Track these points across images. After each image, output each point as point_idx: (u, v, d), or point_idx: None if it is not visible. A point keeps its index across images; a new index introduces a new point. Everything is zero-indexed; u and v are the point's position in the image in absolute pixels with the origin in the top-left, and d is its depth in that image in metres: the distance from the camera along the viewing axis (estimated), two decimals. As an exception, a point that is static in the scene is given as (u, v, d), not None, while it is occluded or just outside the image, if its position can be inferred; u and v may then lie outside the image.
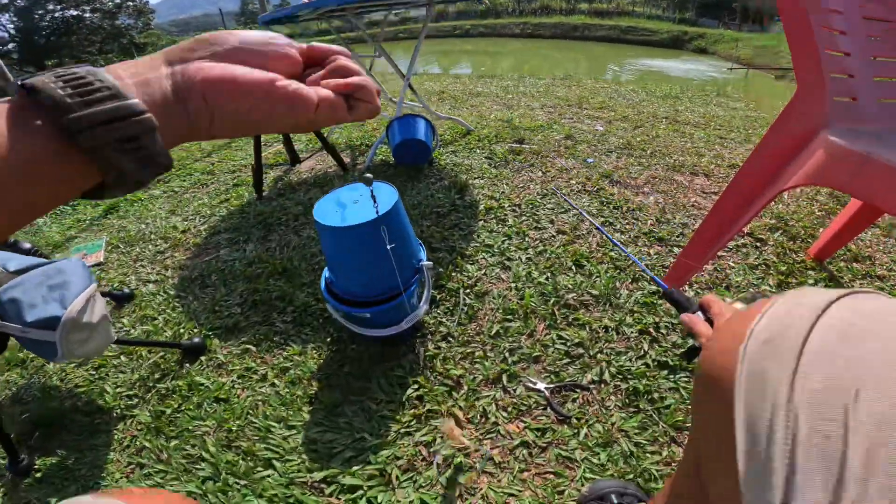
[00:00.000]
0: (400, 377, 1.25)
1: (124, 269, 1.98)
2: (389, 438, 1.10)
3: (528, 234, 1.78)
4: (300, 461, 1.09)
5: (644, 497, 0.91)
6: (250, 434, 1.17)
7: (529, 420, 1.11)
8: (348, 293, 1.23)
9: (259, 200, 2.33)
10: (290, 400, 1.24)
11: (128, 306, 1.74)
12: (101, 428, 1.27)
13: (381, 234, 1.12)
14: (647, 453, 1.02)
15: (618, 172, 2.24)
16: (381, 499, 0.99)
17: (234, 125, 0.33)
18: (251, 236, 2.03)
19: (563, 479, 0.99)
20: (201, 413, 1.25)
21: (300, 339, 1.44)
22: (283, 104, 0.33)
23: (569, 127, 2.96)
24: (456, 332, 1.38)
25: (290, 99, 0.33)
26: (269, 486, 1.04)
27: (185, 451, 1.16)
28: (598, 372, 1.21)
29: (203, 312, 1.62)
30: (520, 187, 2.16)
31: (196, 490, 1.07)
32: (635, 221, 1.82)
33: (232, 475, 1.08)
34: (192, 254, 2.00)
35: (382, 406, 1.19)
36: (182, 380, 1.37)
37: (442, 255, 1.70)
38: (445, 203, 2.03)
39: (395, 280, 1.17)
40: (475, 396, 1.18)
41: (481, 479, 1.01)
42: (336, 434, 1.13)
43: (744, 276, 1.52)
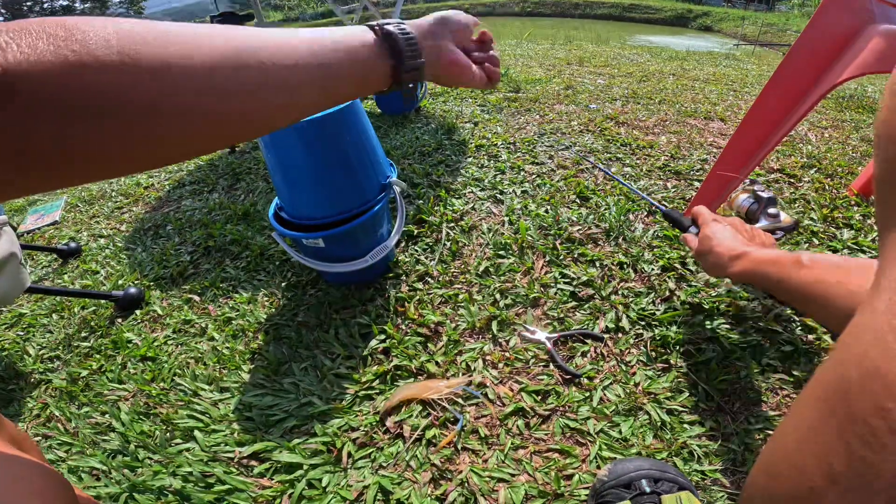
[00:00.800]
0: (363, 325, 0.94)
1: (78, 227, 1.67)
2: (344, 403, 0.80)
3: (525, 169, 1.44)
4: (228, 432, 0.79)
5: (688, 483, 0.61)
6: (174, 399, 0.87)
7: (526, 380, 0.80)
8: (299, 216, 0.92)
9: (231, 153, 2.01)
10: (228, 357, 0.93)
11: (73, 261, 1.44)
12: (14, 395, 0.98)
13: (332, 135, 0.81)
14: (684, 424, 0.72)
15: (624, 116, 1.90)
16: (328, 481, 0.69)
17: (441, 82, 0.49)
18: (217, 186, 1.71)
19: (572, 458, 0.68)
20: (122, 375, 0.95)
21: (251, 285, 1.13)
22: (470, 82, 0.49)
23: (569, 79, 2.60)
24: (436, 270, 1.06)
25: (474, 80, 0.50)
26: (185, 462, 0.74)
27: (94, 419, 0.87)
28: (614, 318, 0.89)
29: (150, 263, 1.31)
30: (515, 128, 1.81)
31: (100, 466, 0.77)
32: (647, 157, 1.48)
33: (143, 448, 0.79)
34: (151, 207, 1.69)
35: (339, 362, 0.88)
36: (109, 337, 1.07)
37: (424, 191, 1.37)
38: (431, 143, 1.68)
39: (353, 196, 0.85)
40: (456, 349, 0.87)
41: (461, 458, 0.70)
42: (277, 398, 0.83)
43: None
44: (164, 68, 0.27)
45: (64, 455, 0.81)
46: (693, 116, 1.92)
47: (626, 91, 2.33)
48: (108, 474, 0.76)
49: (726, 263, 0.68)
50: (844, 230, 1.10)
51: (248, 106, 0.32)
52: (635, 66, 3.19)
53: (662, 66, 3.22)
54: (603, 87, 2.44)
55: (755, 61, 4.10)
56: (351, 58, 0.38)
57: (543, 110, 2.00)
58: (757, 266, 0.64)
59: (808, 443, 0.20)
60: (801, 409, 0.22)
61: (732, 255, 0.68)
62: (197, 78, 0.29)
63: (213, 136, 0.32)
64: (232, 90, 0.31)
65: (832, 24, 0.83)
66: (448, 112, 2.06)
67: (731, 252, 0.68)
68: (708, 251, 0.72)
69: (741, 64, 3.67)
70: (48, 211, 1.89)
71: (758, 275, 0.64)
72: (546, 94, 2.27)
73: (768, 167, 1.43)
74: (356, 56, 0.39)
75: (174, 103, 0.28)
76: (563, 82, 2.50)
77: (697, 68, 3.21)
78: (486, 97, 2.26)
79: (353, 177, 0.87)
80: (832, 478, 0.18)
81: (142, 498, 0.71)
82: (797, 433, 0.22)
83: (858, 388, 0.18)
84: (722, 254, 0.69)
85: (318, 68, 0.36)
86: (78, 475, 0.77)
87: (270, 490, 0.69)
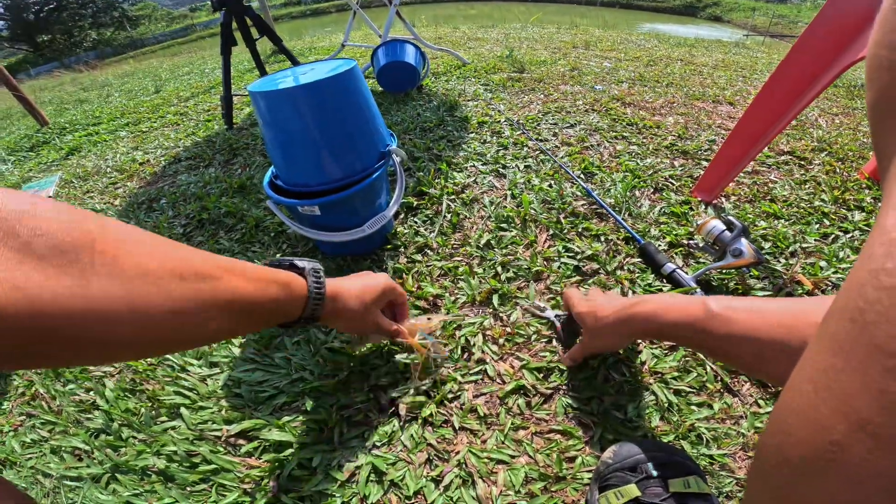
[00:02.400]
0: (359, 300, 0.90)
1: (73, 202, 1.62)
2: (337, 379, 0.76)
3: (528, 145, 1.39)
4: (216, 409, 0.75)
5: (696, 467, 0.57)
6: (161, 375, 0.83)
7: (528, 357, 0.76)
8: (295, 184, 0.87)
9: (229, 130, 1.95)
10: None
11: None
12: (0, 374, 0.93)
13: (331, 99, 0.76)
14: (692, 406, 0.68)
15: (630, 97, 1.83)
16: (317, 461, 0.65)
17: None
18: (213, 161, 1.66)
19: (575, 440, 0.65)
20: (109, 350, 0.91)
21: (245, 257, 1.09)
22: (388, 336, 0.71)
23: (574, 61, 2.53)
24: (436, 242, 1.02)
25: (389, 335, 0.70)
26: (170, 441, 0.70)
27: (78, 396, 0.83)
28: (619, 293, 0.85)
29: (141, 238, 1.26)
30: (519, 106, 1.75)
31: (82, 445, 0.74)
32: (654, 137, 1.43)
33: (127, 427, 0.75)
34: (146, 182, 1.64)
35: (333, 336, 0.84)
36: (98, 312, 1.02)
37: (425, 164, 1.31)
38: (433, 119, 1.62)
39: (350, 162, 0.81)
40: (455, 324, 0.83)
41: (459, 438, 0.67)
42: (268, 373, 0.79)
43: (791, 190, 1.15)
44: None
45: (47, 435, 0.77)
46: (701, 100, 1.86)
47: (632, 74, 2.26)
48: (91, 454, 0.72)
49: (624, 306, 0.60)
50: (856, 212, 1.06)
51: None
52: (642, 50, 3.11)
53: (670, 51, 3.14)
54: (609, 69, 2.37)
55: (765, 50, 4.00)
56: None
57: (548, 90, 1.94)
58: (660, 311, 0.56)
59: (824, 389, 0.16)
60: (813, 354, 0.17)
61: (627, 304, 0.60)
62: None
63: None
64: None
65: (847, 6, 0.79)
66: (450, 90, 2.00)
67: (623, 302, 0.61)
68: (594, 309, 0.64)
69: (751, 52, 3.58)
70: (42, 187, 1.84)
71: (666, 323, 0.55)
72: (551, 74, 2.21)
73: (778, 149, 1.38)
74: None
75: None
76: (569, 64, 2.43)
77: (706, 55, 3.12)
78: (490, 76, 2.19)
79: (351, 143, 0.82)
80: (859, 425, 0.14)
81: (124, 479, 0.67)
82: (810, 381, 0.17)
83: (878, 311, 0.14)
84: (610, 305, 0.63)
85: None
86: (60, 455, 0.73)
87: (258, 470, 0.65)
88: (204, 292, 0.38)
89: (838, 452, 0.15)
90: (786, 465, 0.18)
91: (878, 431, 0.14)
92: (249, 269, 0.45)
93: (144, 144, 2.04)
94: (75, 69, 7.92)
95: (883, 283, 0.14)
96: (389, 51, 1.96)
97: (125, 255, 0.33)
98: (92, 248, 0.31)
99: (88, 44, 21.25)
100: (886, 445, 0.13)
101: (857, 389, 0.14)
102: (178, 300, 0.36)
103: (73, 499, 0.67)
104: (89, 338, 0.31)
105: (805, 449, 0.17)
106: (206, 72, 3.74)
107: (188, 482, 0.65)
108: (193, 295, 0.37)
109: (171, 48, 12.65)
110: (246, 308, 0.43)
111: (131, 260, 0.33)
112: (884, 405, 0.13)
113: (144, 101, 2.94)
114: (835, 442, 0.15)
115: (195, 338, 0.40)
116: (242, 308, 0.42)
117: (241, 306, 0.42)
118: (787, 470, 0.18)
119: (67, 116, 2.97)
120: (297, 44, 4.39)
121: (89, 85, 4.81)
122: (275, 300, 0.47)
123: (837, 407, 0.15)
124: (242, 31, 1.96)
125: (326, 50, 3.57)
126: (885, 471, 0.13)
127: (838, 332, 0.16)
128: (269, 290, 0.46)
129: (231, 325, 0.42)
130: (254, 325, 0.47)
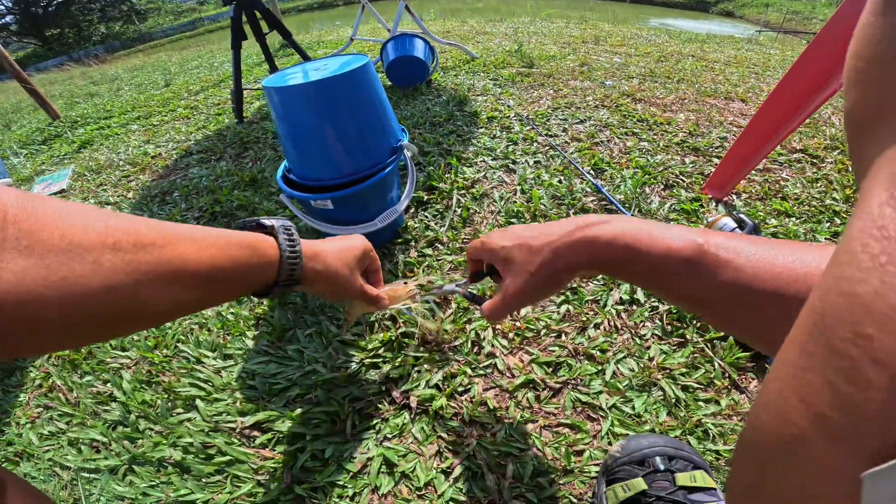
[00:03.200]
0: (371, 293, 0.91)
1: (86, 195, 1.64)
2: (349, 371, 0.77)
3: (538, 140, 1.39)
4: (231, 401, 0.76)
5: (703, 462, 0.58)
6: (177, 367, 0.85)
7: (537, 351, 0.77)
8: (308, 178, 0.88)
9: (239, 124, 1.96)
10: (232, 322, 0.91)
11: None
12: (18, 364, 0.95)
13: (344, 95, 0.77)
14: (699, 401, 0.68)
15: (641, 93, 1.82)
16: (330, 453, 0.66)
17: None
18: (225, 154, 1.67)
19: (583, 434, 0.66)
20: (125, 342, 0.93)
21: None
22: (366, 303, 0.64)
23: (584, 56, 2.51)
24: (446, 237, 1.03)
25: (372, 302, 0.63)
26: (186, 433, 0.72)
27: (95, 388, 0.85)
28: (629, 289, 0.85)
29: (155, 231, 1.28)
30: (528, 101, 1.75)
31: (100, 437, 0.75)
32: (664, 133, 1.42)
33: (144, 418, 0.77)
34: (158, 175, 1.65)
35: (345, 329, 0.85)
36: (113, 303, 1.04)
37: (435, 159, 1.32)
38: (442, 114, 1.63)
39: (363, 157, 0.82)
40: (465, 317, 0.84)
41: (469, 431, 0.68)
42: (281, 366, 0.80)
43: (802, 188, 1.14)
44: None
45: (65, 427, 0.79)
46: (713, 96, 1.85)
47: (643, 70, 2.24)
48: (109, 446, 0.74)
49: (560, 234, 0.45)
50: (868, 211, 1.05)
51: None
52: (653, 46, 3.08)
53: (681, 47, 3.10)
54: (619, 65, 2.35)
55: (779, 47, 3.94)
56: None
57: (557, 85, 1.93)
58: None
59: (790, 387, 0.17)
60: (786, 351, 0.18)
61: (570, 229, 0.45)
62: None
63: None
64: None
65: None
66: (460, 85, 2.00)
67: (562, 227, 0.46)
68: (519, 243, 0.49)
69: (764, 49, 3.53)
70: (56, 179, 1.86)
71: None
72: (560, 70, 2.20)
73: (790, 147, 1.37)
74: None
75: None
76: (578, 59, 2.42)
77: (718, 51, 3.09)
78: (499, 71, 2.19)
79: (364, 138, 0.83)
80: (818, 422, 0.15)
81: (141, 470, 0.69)
82: (781, 377, 0.18)
83: (836, 315, 0.15)
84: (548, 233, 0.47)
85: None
86: (78, 447, 0.75)
87: (272, 461, 0.67)
88: (144, 263, 0.33)
89: (801, 447, 0.16)
90: (757, 458, 0.19)
91: (834, 429, 0.14)
92: (203, 234, 0.39)
93: (156, 138, 2.06)
94: (84, 63, 7.97)
95: (842, 289, 0.15)
96: (399, 45, 1.97)
97: (45, 227, 0.28)
98: (3, 219, 0.27)
99: (97, 38, 21.34)
100: (840, 440, 0.14)
101: (816, 387, 0.15)
102: (110, 274, 0.31)
103: (91, 491, 0.68)
104: (6, 326, 0.27)
105: (773, 443, 0.17)
106: (215, 65, 3.75)
107: (203, 473, 0.67)
108: (129, 267, 0.32)
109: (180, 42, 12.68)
110: (203, 277, 0.38)
111: (53, 232, 0.29)
112: (836, 403, 0.14)
113: (155, 94, 2.96)
114: (797, 436, 0.16)
115: (143, 314, 0.34)
116: (198, 277, 0.37)
117: (195, 276, 0.37)
118: (757, 462, 0.19)
119: (79, 110, 3.00)
120: (304, 37, 4.39)
121: (99, 79, 4.84)
122: (242, 265, 0.42)
123: (800, 404, 0.16)
124: (252, 25, 1.96)
125: (334, 44, 3.57)
126: (840, 464, 0.14)
127: (804, 331, 0.17)
128: (231, 253, 0.41)
129: (189, 297, 0.37)
130: (221, 295, 0.42)
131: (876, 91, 0.17)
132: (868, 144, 0.17)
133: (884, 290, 0.13)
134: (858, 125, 0.18)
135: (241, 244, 0.43)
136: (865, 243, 0.15)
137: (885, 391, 0.13)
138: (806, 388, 0.16)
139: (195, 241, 0.38)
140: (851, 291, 0.14)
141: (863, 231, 0.15)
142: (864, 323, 0.14)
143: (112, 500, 0.67)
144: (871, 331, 0.13)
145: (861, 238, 0.15)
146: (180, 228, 0.38)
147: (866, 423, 0.13)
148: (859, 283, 0.14)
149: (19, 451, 0.76)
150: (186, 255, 0.36)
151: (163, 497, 0.65)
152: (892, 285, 0.13)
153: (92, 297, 0.30)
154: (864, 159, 0.17)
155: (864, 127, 0.17)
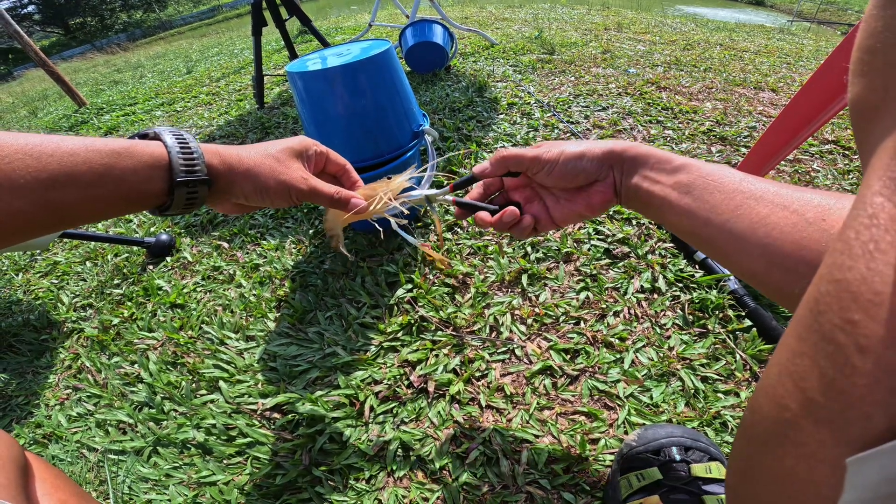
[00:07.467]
0: (391, 274, 0.93)
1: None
2: (368, 355, 0.79)
3: (559, 127, 1.38)
4: (252, 382, 0.79)
5: (719, 453, 0.58)
6: (201, 348, 0.88)
7: (555, 338, 0.77)
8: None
9: (260, 109, 1.99)
10: (255, 304, 0.93)
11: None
12: (47, 345, 0.99)
13: (367, 79, 0.78)
14: (718, 393, 0.68)
15: (666, 81, 1.79)
16: (349, 435, 0.68)
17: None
18: (246, 139, 1.70)
19: (599, 422, 0.66)
20: (152, 323, 0.96)
21: (279, 232, 1.13)
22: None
23: (606, 44, 2.47)
24: (466, 221, 1.04)
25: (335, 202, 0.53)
26: (209, 415, 0.74)
27: (123, 369, 0.88)
28: (650, 278, 0.85)
29: (179, 214, 1.32)
30: (549, 88, 1.73)
31: (126, 419, 0.78)
32: (690, 122, 1.40)
33: (169, 400, 0.80)
34: (181, 162, 1.69)
35: (364, 311, 0.87)
36: (140, 284, 1.08)
37: (455, 144, 1.33)
38: (462, 99, 1.63)
39: (385, 141, 0.82)
40: (484, 302, 0.84)
41: (485, 416, 0.69)
42: (302, 348, 0.82)
43: (833, 180, 1.11)
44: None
45: (92, 408, 0.82)
46: (742, 86, 1.80)
47: (668, 58, 2.19)
48: (135, 427, 0.77)
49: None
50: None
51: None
52: (678, 34, 3.00)
53: (708, 35, 3.02)
54: (643, 52, 2.31)
55: (812, 37, 3.81)
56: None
57: (579, 72, 1.90)
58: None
59: (786, 371, 0.17)
60: (787, 335, 0.19)
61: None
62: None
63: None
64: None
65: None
66: (479, 71, 1.99)
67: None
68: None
69: (796, 39, 3.42)
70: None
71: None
72: (582, 56, 2.16)
73: (822, 138, 1.33)
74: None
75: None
76: (601, 46, 2.38)
77: (747, 40, 2.99)
78: (519, 58, 2.16)
79: (386, 122, 0.84)
80: (809, 407, 0.16)
81: (165, 452, 0.72)
82: (778, 363, 0.19)
83: (827, 301, 0.15)
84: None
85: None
86: (105, 429, 0.78)
87: (291, 443, 0.69)
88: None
89: (792, 431, 0.16)
90: (754, 439, 0.20)
91: (821, 414, 0.15)
92: (50, 145, 0.35)
93: (179, 123, 2.10)
94: (107, 51, 8.12)
95: (833, 275, 0.15)
96: (418, 31, 1.96)
97: None
98: None
99: (119, 26, 21.69)
100: (827, 425, 0.15)
101: (808, 373, 0.16)
102: None
103: (117, 472, 0.71)
104: None
105: (767, 425, 0.18)
106: (235, 52, 3.79)
107: (225, 455, 0.69)
108: None
109: (199, 29, 12.81)
110: (42, 184, 0.34)
111: None
112: (824, 389, 0.15)
113: (177, 81, 3.01)
114: (789, 420, 0.16)
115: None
116: (33, 187, 0.34)
117: (27, 186, 0.33)
118: (754, 443, 0.20)
119: (104, 97, 3.07)
120: (322, 23, 4.40)
121: (122, 66, 4.93)
122: (105, 168, 0.37)
123: (793, 388, 0.17)
124: (272, 11, 1.98)
125: (352, 30, 3.57)
126: (828, 449, 0.15)
127: (802, 317, 0.17)
128: (91, 159, 0.36)
129: (30, 208, 0.34)
130: (87, 209, 0.37)
131: (878, 81, 0.17)
132: (872, 134, 0.17)
133: (870, 276, 0.14)
134: (862, 115, 0.18)
135: (103, 151, 0.37)
136: (858, 231, 0.15)
137: (869, 377, 0.13)
138: (799, 372, 0.16)
139: (32, 156, 0.34)
140: (841, 278, 0.15)
141: (856, 219, 0.15)
142: (851, 309, 0.14)
143: (137, 481, 0.69)
144: (857, 317, 0.14)
145: (854, 226, 0.15)
146: (21, 142, 0.35)
147: (851, 410, 0.14)
148: (848, 269, 0.15)
149: (48, 433, 0.79)
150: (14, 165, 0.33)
151: (185, 478, 0.68)
152: (878, 272, 0.14)
153: None
154: (867, 149, 0.18)
155: (867, 117, 0.18)
